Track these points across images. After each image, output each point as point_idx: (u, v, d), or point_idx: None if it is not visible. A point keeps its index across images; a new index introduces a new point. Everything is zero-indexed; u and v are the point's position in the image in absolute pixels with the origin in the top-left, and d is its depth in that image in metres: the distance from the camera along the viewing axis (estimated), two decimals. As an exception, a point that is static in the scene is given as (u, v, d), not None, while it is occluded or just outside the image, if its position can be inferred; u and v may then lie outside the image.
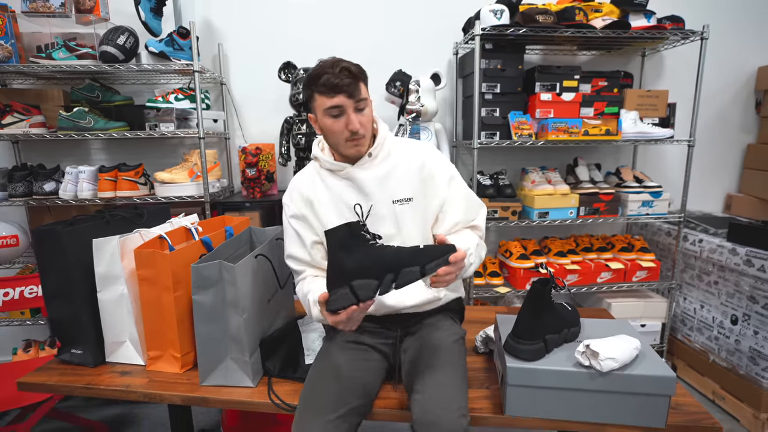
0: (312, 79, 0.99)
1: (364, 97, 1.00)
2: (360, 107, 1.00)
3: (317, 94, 0.99)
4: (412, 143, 1.13)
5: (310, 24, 2.10)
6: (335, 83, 0.95)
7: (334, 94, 0.96)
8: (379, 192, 1.05)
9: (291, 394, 1.05)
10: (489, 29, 1.78)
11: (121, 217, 1.30)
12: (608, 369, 0.89)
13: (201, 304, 1.05)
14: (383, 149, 1.08)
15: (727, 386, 1.82)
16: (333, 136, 1.02)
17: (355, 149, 1.03)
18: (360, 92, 0.98)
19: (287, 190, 1.13)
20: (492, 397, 1.03)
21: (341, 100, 0.97)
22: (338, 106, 0.97)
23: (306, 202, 1.08)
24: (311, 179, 1.10)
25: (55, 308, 1.16)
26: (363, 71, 1.01)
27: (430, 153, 1.10)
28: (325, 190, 1.08)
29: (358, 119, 0.99)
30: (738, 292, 1.78)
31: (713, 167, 2.37)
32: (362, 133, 1.00)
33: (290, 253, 1.10)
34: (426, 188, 1.08)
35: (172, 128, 1.81)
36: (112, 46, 1.67)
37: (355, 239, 0.86)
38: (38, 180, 1.76)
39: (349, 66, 0.97)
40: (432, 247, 0.87)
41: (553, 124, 1.86)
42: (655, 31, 1.86)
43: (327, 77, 0.96)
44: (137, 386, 1.08)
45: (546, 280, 0.99)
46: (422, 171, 1.07)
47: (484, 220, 1.14)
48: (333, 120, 0.99)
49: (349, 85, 0.96)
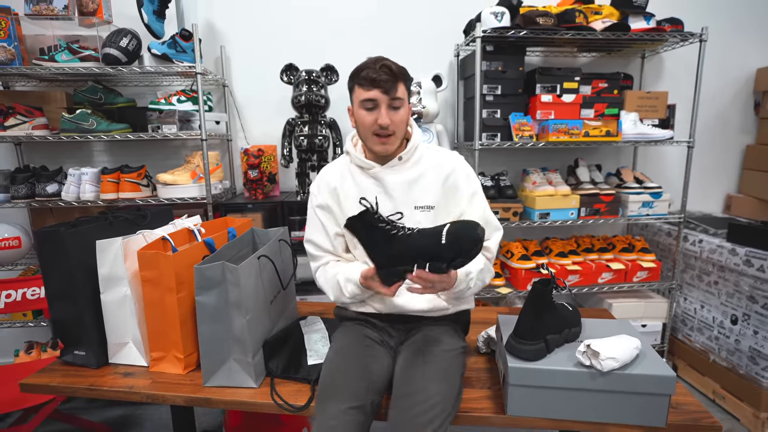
0: (355, 72, 1.04)
1: (400, 97, 1.02)
2: (395, 105, 1.02)
3: (357, 86, 1.03)
4: (443, 152, 1.14)
5: (311, 26, 2.11)
6: (373, 77, 0.99)
7: (370, 87, 1.00)
8: (403, 196, 1.08)
9: (294, 394, 1.06)
10: (490, 31, 1.79)
11: (124, 218, 1.31)
12: (609, 369, 0.90)
13: (204, 305, 1.05)
14: (414, 154, 1.10)
15: (727, 386, 1.82)
16: (363, 128, 1.05)
17: (381, 146, 1.05)
18: (396, 91, 1.01)
19: (316, 180, 1.17)
20: (494, 397, 1.03)
21: (376, 94, 1.00)
22: (372, 100, 1.00)
23: (332, 194, 1.12)
24: (341, 173, 1.13)
25: (58, 309, 1.16)
26: (404, 73, 1.04)
27: (458, 164, 1.11)
28: (353, 186, 1.11)
29: (390, 116, 1.01)
30: (738, 292, 1.78)
31: (713, 168, 2.38)
32: (392, 130, 1.02)
33: (312, 239, 1.15)
34: (448, 199, 1.09)
35: (175, 130, 1.82)
36: (115, 48, 1.68)
37: (373, 229, 0.93)
38: (41, 182, 1.77)
39: (391, 65, 1.01)
40: (456, 241, 0.87)
41: (554, 126, 1.87)
42: (654, 33, 1.88)
43: (367, 71, 1.00)
44: (140, 387, 1.08)
45: (547, 281, 0.99)
46: (447, 181, 1.09)
47: (497, 243, 1.14)
48: (366, 113, 1.02)
49: (386, 81, 0.99)
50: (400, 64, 1.03)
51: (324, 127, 1.93)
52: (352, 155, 1.12)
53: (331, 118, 1.97)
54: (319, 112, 1.92)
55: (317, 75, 1.88)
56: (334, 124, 1.97)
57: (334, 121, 1.97)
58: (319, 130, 1.91)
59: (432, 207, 1.08)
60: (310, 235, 1.16)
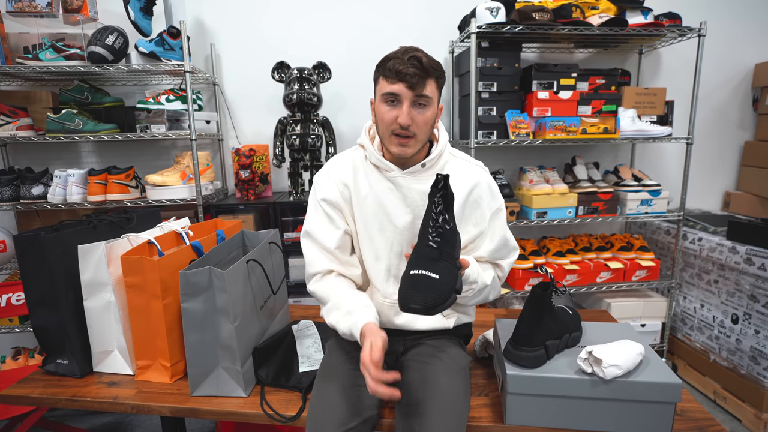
0: (382, 62, 0.92)
1: (427, 95, 0.90)
2: (420, 103, 0.90)
3: (381, 77, 0.92)
4: (469, 162, 1.04)
5: (303, 23, 2.07)
6: (399, 69, 0.87)
7: (395, 80, 0.88)
8: (421, 207, 0.97)
9: (284, 403, 1.02)
10: (485, 27, 1.75)
11: (108, 222, 1.26)
12: (612, 376, 0.87)
13: (190, 312, 1.01)
14: (438, 162, 1.00)
15: (728, 386, 1.80)
16: (382, 124, 0.94)
17: (399, 148, 0.93)
18: (424, 87, 0.89)
19: (323, 170, 1.05)
20: (492, 405, 1.00)
21: (400, 89, 0.89)
22: (395, 94, 0.89)
23: (343, 191, 1.01)
24: (354, 168, 1.02)
25: (40, 317, 1.12)
26: (437, 68, 0.91)
27: (482, 179, 1.02)
28: (366, 185, 1.00)
29: (413, 115, 0.90)
30: (738, 290, 1.76)
31: (711, 165, 2.35)
32: (412, 131, 0.91)
33: (312, 232, 1.02)
34: (467, 216, 1.01)
35: (164, 130, 1.77)
36: (101, 46, 1.63)
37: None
38: (26, 184, 1.72)
39: (422, 56, 0.88)
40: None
41: (551, 123, 1.84)
42: (652, 28, 1.84)
43: (394, 62, 0.88)
44: (125, 398, 1.04)
45: (546, 284, 0.96)
46: (470, 195, 1.00)
47: (511, 264, 1.07)
48: (387, 108, 0.91)
49: (413, 75, 0.87)
50: (434, 58, 0.91)
51: (317, 126, 1.89)
52: (369, 151, 1.00)
53: (324, 117, 1.93)
54: (311, 111, 1.87)
55: (309, 73, 1.84)
56: (326, 123, 1.93)
57: (326, 119, 1.93)
58: (312, 129, 1.87)
59: None
60: (312, 226, 1.02)
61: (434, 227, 0.85)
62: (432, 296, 0.79)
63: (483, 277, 0.98)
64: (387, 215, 0.99)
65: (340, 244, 1.02)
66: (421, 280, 0.81)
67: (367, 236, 1.02)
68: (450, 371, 0.96)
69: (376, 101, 0.95)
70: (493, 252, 1.03)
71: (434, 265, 0.83)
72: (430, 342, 1.04)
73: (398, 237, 1.01)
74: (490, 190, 1.03)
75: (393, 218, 0.99)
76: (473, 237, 1.02)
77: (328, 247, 1.01)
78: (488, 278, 1.01)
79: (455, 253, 0.87)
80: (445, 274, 0.82)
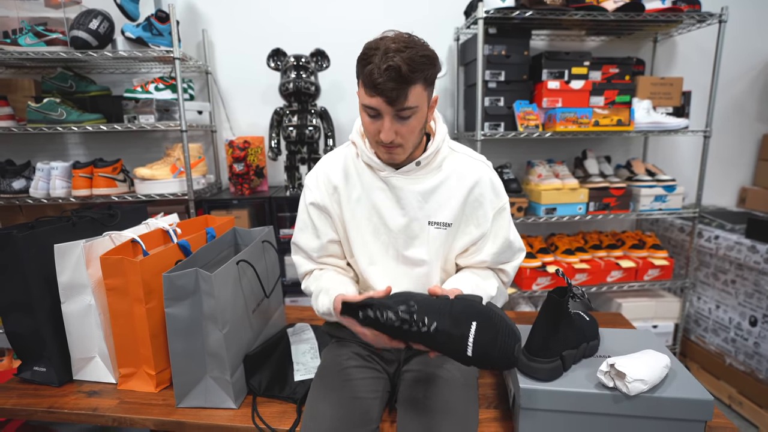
0: (361, 58, 0.80)
1: (409, 106, 0.79)
2: (403, 115, 0.80)
3: (360, 81, 0.81)
4: (470, 157, 0.96)
5: (301, 9, 1.96)
6: (376, 82, 0.76)
7: (373, 93, 0.78)
8: (417, 208, 0.91)
9: (278, 416, 0.94)
10: (493, 12, 1.65)
11: (89, 218, 1.18)
12: (636, 392, 0.79)
13: (175, 318, 0.93)
14: (435, 159, 0.92)
15: (745, 391, 1.72)
16: (366, 132, 0.87)
17: (387, 155, 0.87)
18: (405, 99, 0.78)
19: (314, 171, 0.99)
20: (502, 419, 0.92)
21: (378, 103, 0.79)
22: (374, 108, 0.80)
23: (332, 194, 0.95)
24: (344, 167, 0.95)
25: (13, 322, 1.04)
26: (422, 68, 0.77)
27: (485, 175, 0.93)
28: (357, 185, 0.94)
29: (396, 128, 0.81)
30: (757, 291, 1.67)
31: (727, 159, 2.25)
32: (398, 142, 0.83)
33: (299, 243, 1.00)
34: (469, 216, 0.93)
35: (153, 120, 1.68)
36: (84, 30, 1.53)
37: (378, 325, 0.76)
38: (6, 177, 1.63)
39: (400, 65, 0.74)
40: (484, 356, 0.72)
41: (562, 114, 1.74)
42: (670, 14, 1.74)
43: (371, 68, 0.76)
44: (105, 409, 0.97)
45: (563, 289, 0.87)
46: (471, 194, 0.92)
47: (516, 267, 1.00)
48: (369, 120, 0.83)
49: (391, 90, 0.76)
50: (418, 57, 0.77)
51: (314, 117, 1.79)
52: (360, 149, 0.93)
53: (322, 107, 1.83)
54: (308, 101, 1.78)
55: (307, 61, 1.74)
56: (325, 113, 1.83)
57: (325, 110, 1.83)
58: (309, 120, 1.77)
59: (449, 224, 0.92)
60: (298, 237, 1.00)
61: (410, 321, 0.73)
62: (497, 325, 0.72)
63: (485, 290, 0.91)
64: (381, 218, 0.92)
65: (326, 253, 0.99)
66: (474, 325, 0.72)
67: (360, 240, 0.95)
68: (456, 381, 0.89)
69: (360, 104, 0.85)
70: (496, 255, 0.96)
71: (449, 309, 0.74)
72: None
73: (393, 240, 0.94)
74: (493, 187, 0.94)
75: (387, 221, 0.92)
76: (475, 239, 0.94)
77: (314, 257, 1.00)
78: (491, 289, 0.94)
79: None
80: (464, 302, 0.75)
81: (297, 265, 1.03)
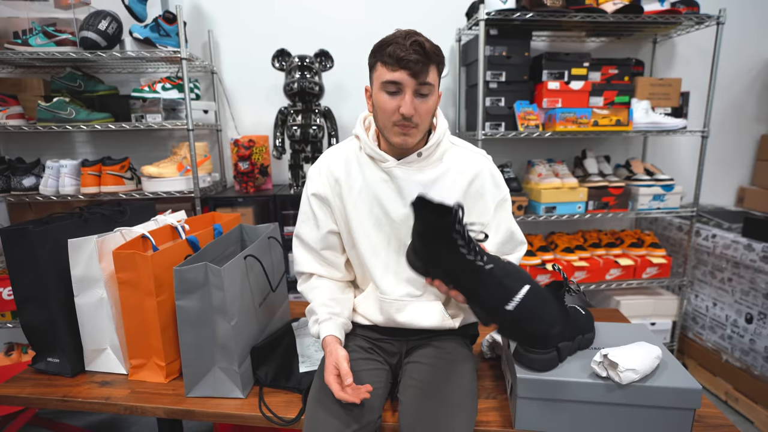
0: (379, 46, 0.86)
1: (430, 83, 0.85)
2: (422, 92, 0.86)
3: (379, 64, 0.86)
4: (470, 150, 0.99)
5: (305, 9, 1.99)
6: (400, 56, 0.81)
7: (396, 67, 0.83)
8: None
9: (284, 405, 0.98)
10: (494, 14, 1.68)
11: (101, 215, 1.21)
12: (628, 381, 0.82)
13: (185, 310, 0.97)
14: (436, 151, 0.95)
15: (741, 387, 1.75)
16: (383, 115, 0.89)
17: (401, 138, 0.89)
18: (427, 75, 0.84)
19: (317, 164, 1.02)
20: (500, 408, 0.95)
21: (401, 77, 0.83)
22: (396, 83, 0.84)
23: (334, 186, 0.97)
24: (346, 160, 0.98)
25: (29, 314, 1.07)
26: (439, 53, 0.86)
27: (485, 167, 0.96)
28: (359, 178, 0.96)
29: (416, 105, 0.85)
30: (753, 289, 1.70)
31: (725, 159, 2.28)
32: (415, 121, 0.87)
33: (300, 233, 1.02)
34: (469, 206, 0.95)
35: (160, 119, 1.71)
36: (93, 31, 1.56)
37: (449, 246, 0.72)
38: (16, 175, 1.66)
39: (424, 41, 0.83)
40: (526, 318, 0.73)
41: (561, 114, 1.77)
42: (669, 16, 1.77)
43: (394, 47, 0.82)
44: (117, 398, 1.00)
45: (559, 284, 0.90)
46: (471, 186, 0.95)
47: (519, 259, 1.02)
48: (388, 97, 0.86)
49: (416, 62, 0.82)
50: (434, 43, 0.85)
51: (318, 117, 1.83)
52: (363, 142, 0.95)
53: (326, 107, 1.86)
54: (312, 101, 1.81)
55: (311, 61, 1.77)
56: (328, 113, 1.86)
57: (328, 109, 1.86)
58: (313, 119, 1.81)
59: None
60: (301, 229, 1.02)
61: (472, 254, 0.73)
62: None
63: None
64: (382, 209, 0.95)
65: (326, 245, 1.01)
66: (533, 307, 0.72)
67: (363, 232, 0.97)
68: (456, 372, 0.92)
69: (374, 89, 0.90)
70: (499, 246, 0.98)
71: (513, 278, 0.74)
72: (435, 343, 1.00)
73: (395, 231, 0.96)
74: (494, 179, 0.97)
75: (389, 211, 0.94)
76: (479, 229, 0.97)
77: (314, 247, 1.01)
78: None
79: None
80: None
81: (296, 262, 1.04)
